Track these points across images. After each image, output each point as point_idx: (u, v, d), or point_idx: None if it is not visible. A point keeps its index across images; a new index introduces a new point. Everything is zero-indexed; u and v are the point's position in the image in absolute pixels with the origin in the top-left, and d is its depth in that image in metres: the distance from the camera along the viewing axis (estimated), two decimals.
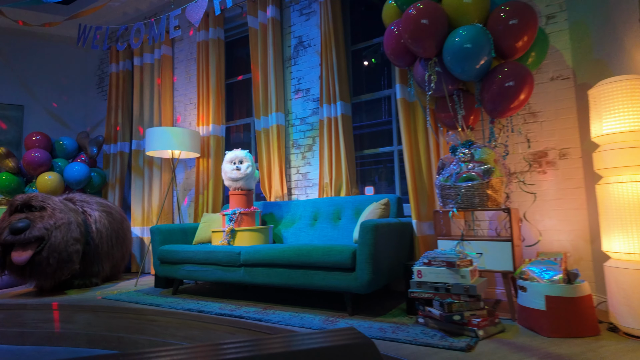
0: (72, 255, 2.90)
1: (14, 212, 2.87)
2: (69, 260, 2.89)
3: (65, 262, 2.87)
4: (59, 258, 2.83)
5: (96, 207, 3.37)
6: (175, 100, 4.19)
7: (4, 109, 4.69)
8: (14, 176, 3.99)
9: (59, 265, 2.85)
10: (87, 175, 4.14)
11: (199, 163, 3.74)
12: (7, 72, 4.76)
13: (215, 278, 2.53)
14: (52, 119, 4.92)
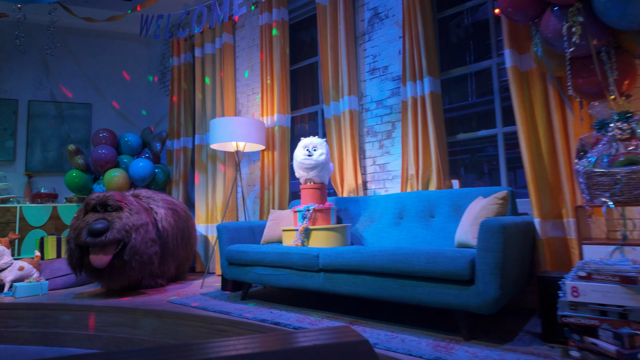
0: (152, 257, 2.74)
1: (89, 212, 2.75)
2: (150, 262, 2.74)
3: (145, 265, 2.72)
4: (140, 261, 2.68)
5: (162, 204, 3.21)
6: (238, 91, 3.96)
7: (74, 107, 4.78)
8: (83, 173, 4.00)
9: (140, 268, 2.71)
10: (151, 172, 4.05)
11: (264, 156, 3.46)
12: (76, 71, 4.85)
13: (290, 284, 2.20)
14: (118, 117, 4.95)
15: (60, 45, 4.69)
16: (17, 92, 4.62)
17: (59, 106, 4.72)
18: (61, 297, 2.81)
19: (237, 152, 3.29)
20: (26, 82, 4.66)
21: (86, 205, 2.78)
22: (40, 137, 4.63)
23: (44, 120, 4.66)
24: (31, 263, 3.18)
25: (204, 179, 4.05)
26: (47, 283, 3.02)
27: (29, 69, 4.68)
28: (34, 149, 4.60)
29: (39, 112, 4.65)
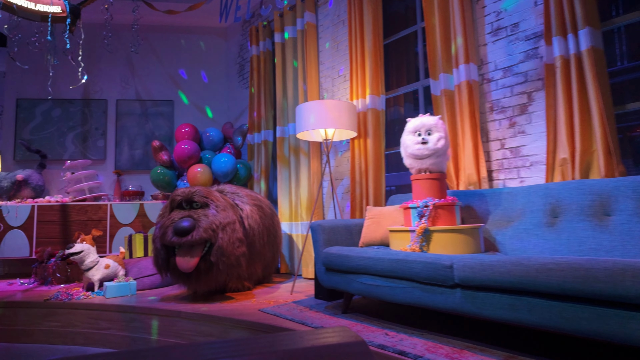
0: (239, 259, 2.47)
1: (175, 209, 2.55)
2: (237, 264, 2.47)
3: (232, 267, 2.45)
4: (227, 263, 2.42)
5: (247, 201, 2.94)
6: (322, 75, 3.58)
7: (157, 105, 4.79)
8: (167, 170, 3.91)
9: (227, 271, 2.45)
10: (234, 167, 3.84)
11: (354, 146, 3.03)
12: (159, 69, 4.86)
13: (410, 300, 1.73)
14: (199, 113, 4.87)
15: (143, 42, 4.71)
16: (107, 92, 4.74)
17: (143, 104, 4.76)
18: (149, 300, 2.65)
19: (325, 141, 2.90)
20: (114, 82, 4.76)
21: (171, 201, 2.57)
22: (127, 136, 4.70)
23: (131, 119, 4.72)
24: (116, 260, 3.10)
25: (286, 174, 3.74)
26: (135, 283, 2.89)
27: (116, 69, 4.78)
28: (122, 148, 4.68)
29: (125, 111, 4.72)
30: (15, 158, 4.55)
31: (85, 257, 2.88)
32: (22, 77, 4.66)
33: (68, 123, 4.63)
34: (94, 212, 4.01)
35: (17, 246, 3.87)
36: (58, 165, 4.59)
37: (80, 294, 2.80)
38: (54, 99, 4.64)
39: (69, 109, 4.65)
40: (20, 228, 3.91)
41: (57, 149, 4.59)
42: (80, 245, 2.87)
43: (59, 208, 3.99)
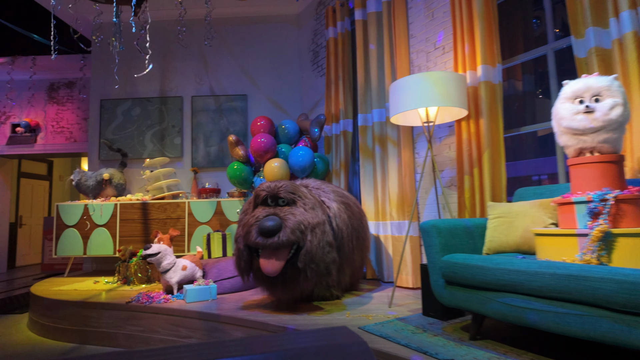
0: (329, 266, 2.11)
1: (259, 205, 2.25)
2: (327, 273, 2.11)
3: (322, 276, 2.11)
4: (317, 271, 2.08)
5: (333, 197, 2.56)
6: (412, 51, 3.09)
7: (231, 100, 4.63)
8: (244, 165, 3.69)
9: (317, 280, 2.10)
10: (311, 161, 3.50)
11: (461, 129, 2.51)
12: (232, 63, 4.70)
13: (595, 335, 1.20)
14: (272, 106, 4.63)
15: (216, 36, 4.58)
16: (182, 89, 4.70)
17: (217, 100, 4.63)
18: (230, 306, 2.39)
19: (426, 124, 2.42)
20: (188, 79, 4.70)
21: (255, 197, 2.27)
22: (203, 133, 4.61)
23: (206, 115, 4.62)
24: (193, 261, 2.90)
25: (370, 167, 3.31)
26: (216, 287, 2.66)
27: (190, 65, 4.72)
28: (198, 145, 4.60)
29: (200, 107, 4.64)
30: (100, 158, 4.68)
31: (162, 259, 2.72)
32: (104, 79, 4.78)
33: (146, 121, 4.65)
34: (173, 210, 3.93)
35: (102, 244, 3.91)
36: (138, 164, 4.63)
37: (161, 297, 2.63)
38: (133, 98, 4.70)
39: (147, 108, 4.67)
40: (105, 226, 3.95)
41: (137, 148, 4.63)
42: (157, 246, 2.71)
43: (139, 206, 3.97)
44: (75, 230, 3.95)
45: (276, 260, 2.07)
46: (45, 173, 8.14)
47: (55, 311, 2.79)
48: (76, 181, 4.16)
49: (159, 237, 2.78)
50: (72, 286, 3.31)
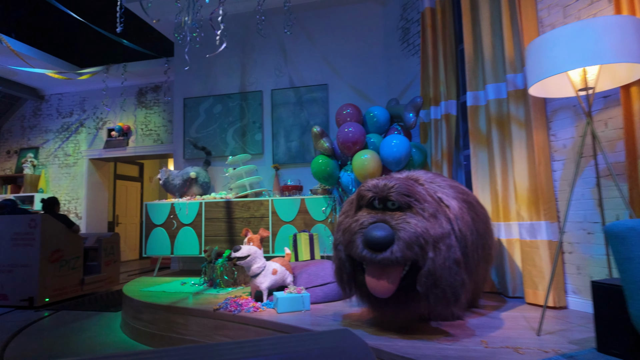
0: (457, 291, 1.64)
1: (363, 207, 1.84)
2: (455, 299, 1.64)
3: (449, 303, 1.64)
4: (442, 297, 1.62)
5: (452, 194, 2.05)
6: (541, 7, 2.45)
7: (311, 91, 4.32)
8: (329, 159, 3.33)
9: (442, 308, 1.65)
10: (407, 152, 3.02)
11: (632, 96, 1.84)
12: (311, 51, 4.39)
13: None
14: (355, 94, 4.23)
15: (295, 22, 4.30)
16: (261, 82, 4.51)
17: (297, 92, 4.36)
18: (327, 321, 2.02)
19: (584, 92, 1.81)
20: (268, 71, 4.50)
21: (359, 197, 1.86)
22: (283, 127, 4.36)
23: (286, 109, 4.37)
24: (283, 264, 2.60)
25: (483, 155, 2.74)
26: (309, 296, 2.32)
27: (269, 58, 4.51)
28: (279, 140, 4.36)
29: (280, 101, 4.40)
30: (184, 157, 4.67)
31: (252, 262, 2.45)
32: (187, 78, 4.78)
33: (228, 118, 4.54)
34: (256, 208, 3.72)
35: (189, 243, 3.84)
36: (221, 162, 4.54)
37: (250, 305, 2.36)
38: (215, 95, 4.62)
39: (228, 104, 4.56)
40: (190, 225, 3.87)
41: (220, 146, 4.54)
42: (247, 248, 2.44)
43: (223, 205, 3.82)
44: (163, 230, 3.93)
45: (387, 281, 1.65)
46: (137, 175, 8.68)
47: (145, 314, 2.68)
48: (163, 180, 4.16)
49: (249, 236, 2.52)
50: (161, 287, 3.23)
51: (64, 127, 7.18)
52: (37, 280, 3.72)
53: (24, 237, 3.78)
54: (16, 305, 3.80)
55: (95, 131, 7.01)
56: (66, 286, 4.05)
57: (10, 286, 3.77)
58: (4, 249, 3.83)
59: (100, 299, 4.06)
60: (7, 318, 3.40)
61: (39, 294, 3.72)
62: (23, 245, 3.78)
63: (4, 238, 3.85)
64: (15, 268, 3.78)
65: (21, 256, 3.78)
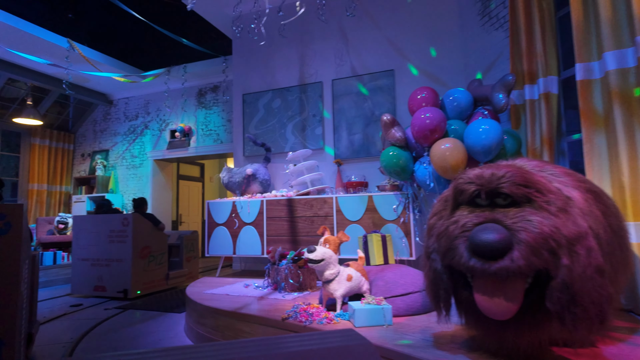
0: (603, 308, 1.22)
1: (462, 205, 1.46)
2: (600, 320, 1.23)
3: (592, 325, 1.23)
4: (582, 317, 1.21)
5: (571, 183, 1.60)
6: None
7: (375, 78, 3.97)
8: (402, 151, 2.97)
9: (584, 331, 1.24)
10: (499, 138, 2.57)
11: None
12: (375, 35, 4.04)
13: None
14: (427, 79, 3.80)
15: (357, 4, 3.97)
16: (321, 73, 4.24)
17: (360, 80, 4.03)
18: (416, 340, 1.67)
19: None
20: (328, 61, 4.22)
21: (457, 193, 1.47)
22: (345, 120, 4.06)
23: (347, 100, 4.06)
24: (358, 269, 2.29)
25: (602, 140, 2.22)
26: (390, 309, 1.99)
27: (330, 45, 4.23)
28: (340, 133, 4.07)
29: (342, 91, 4.10)
30: (244, 154, 4.55)
31: (325, 267, 2.17)
32: (246, 73, 4.65)
33: (287, 112, 4.33)
34: (319, 206, 3.45)
35: (251, 243, 3.67)
36: (280, 158, 4.35)
37: (322, 316, 2.08)
38: (273, 90, 4.44)
39: (287, 98, 4.35)
40: (252, 224, 3.71)
41: (279, 141, 4.34)
42: (322, 250, 2.17)
43: (285, 203, 3.61)
44: (225, 229, 3.80)
45: (505, 298, 1.27)
46: (199, 175, 8.88)
47: (209, 319, 2.51)
48: (224, 178, 4.05)
49: (326, 236, 2.25)
50: (224, 289, 3.07)
51: (131, 130, 7.49)
52: (130, 274, 4.02)
53: (118, 235, 4.12)
54: (113, 297, 4.13)
55: (158, 133, 7.22)
56: (154, 280, 4.32)
57: (108, 279, 4.12)
58: (101, 245, 4.19)
59: (165, 298, 4.05)
60: (83, 315, 3.46)
61: (131, 287, 4.01)
62: (117, 242, 4.11)
63: (101, 235, 4.20)
64: (111, 263, 4.12)
65: (116, 252, 4.11)
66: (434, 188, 2.83)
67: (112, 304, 3.87)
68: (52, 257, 5.38)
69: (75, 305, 3.87)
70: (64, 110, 7.70)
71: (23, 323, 1.70)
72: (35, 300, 2.42)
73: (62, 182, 7.63)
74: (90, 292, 4.20)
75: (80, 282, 4.27)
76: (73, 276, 4.32)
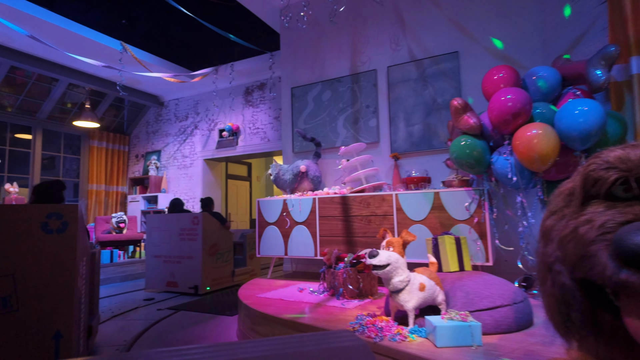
0: None
1: (595, 199, 1.10)
2: None
3: None
4: None
5: None
6: None
7: (437, 62, 3.59)
8: (476, 139, 2.59)
9: None
10: (602, 122, 2.13)
11: None
12: (436, 14, 3.66)
13: None
14: (497, 59, 3.37)
15: None
16: (375, 60, 3.93)
17: (419, 65, 3.67)
18: None
19: None
20: (383, 46, 3.90)
21: (588, 182, 1.07)
22: (403, 109, 3.72)
23: (405, 87, 3.72)
24: (431, 277, 1.96)
25: None
26: (480, 327, 1.65)
27: (384, 30, 3.90)
28: (397, 125, 3.73)
29: (398, 79, 3.76)
30: (293, 150, 4.35)
31: (392, 274, 1.87)
32: (294, 66, 4.45)
33: (338, 105, 4.07)
34: (377, 204, 3.15)
35: (303, 244, 3.44)
36: (331, 154, 4.09)
37: (394, 331, 1.78)
38: (323, 81, 4.19)
39: (338, 89, 4.08)
40: (304, 224, 3.48)
41: (330, 136, 4.09)
42: (387, 254, 1.87)
43: (339, 201, 3.34)
44: (276, 228, 3.61)
45: None
46: (246, 174, 8.87)
47: (263, 327, 2.30)
48: (274, 175, 3.87)
49: (388, 239, 1.96)
50: (277, 293, 2.86)
51: (181, 130, 7.60)
52: (201, 271, 4.15)
53: (188, 233, 4.28)
54: (184, 292, 4.28)
55: (208, 132, 7.25)
56: (221, 277, 4.46)
57: (180, 275, 4.29)
58: (173, 243, 4.37)
59: (217, 300, 3.94)
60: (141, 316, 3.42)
61: (202, 283, 4.15)
62: (188, 240, 4.27)
63: (173, 233, 4.38)
64: (182, 259, 4.29)
65: (187, 249, 4.26)
66: (517, 182, 2.42)
67: (182, 299, 4.02)
68: (109, 256, 5.52)
69: (147, 299, 4.07)
70: (119, 113, 7.99)
71: (82, 316, 1.78)
72: (95, 295, 2.50)
73: (118, 183, 7.91)
74: (162, 288, 4.41)
75: (153, 278, 4.48)
76: (147, 272, 4.54)
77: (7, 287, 1.43)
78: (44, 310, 1.48)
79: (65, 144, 7.36)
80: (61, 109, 7.10)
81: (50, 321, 1.48)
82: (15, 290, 1.44)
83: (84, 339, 1.91)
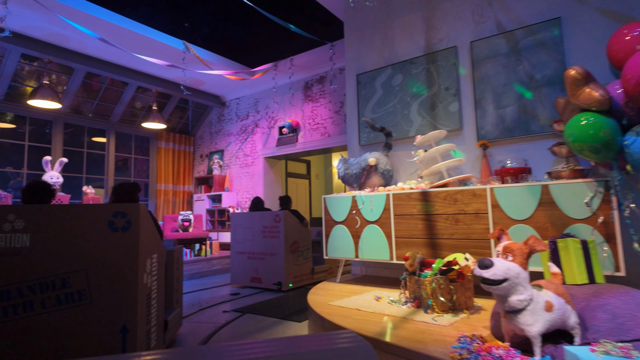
0: None
1: None
2: None
3: None
4: None
5: None
6: None
7: (533, 32, 3.02)
8: (604, 117, 2.03)
9: None
10: None
11: None
12: None
13: None
14: (613, 22, 2.73)
15: None
16: (455, 36, 3.44)
17: (510, 37, 3.12)
18: None
19: None
20: (463, 19, 3.39)
21: None
22: (491, 89, 3.19)
23: (493, 64, 3.19)
24: (558, 292, 1.49)
25: None
26: None
27: (464, 1, 3.40)
28: (485, 108, 3.21)
29: (484, 55, 3.24)
30: (360, 142, 3.99)
31: (511, 291, 1.44)
32: (359, 51, 4.09)
33: (410, 90, 3.63)
34: (467, 201, 2.68)
35: (376, 246, 3.08)
36: (403, 145, 3.67)
37: None
38: (393, 65, 3.78)
39: (411, 72, 3.65)
40: (376, 223, 3.11)
41: (401, 125, 3.67)
42: (504, 266, 1.45)
43: (417, 197, 2.92)
44: (345, 228, 3.28)
45: None
46: (305, 172, 8.69)
47: None
48: (340, 171, 3.54)
49: (504, 243, 1.53)
50: (351, 301, 2.53)
51: (242, 129, 7.59)
52: (283, 267, 4.20)
53: (271, 230, 4.36)
54: (268, 288, 4.37)
55: (268, 130, 7.15)
56: (302, 274, 4.47)
57: (263, 272, 4.37)
58: (257, 240, 4.47)
59: (283, 302, 3.71)
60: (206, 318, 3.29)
61: (285, 280, 4.19)
62: (270, 237, 4.35)
63: (256, 231, 4.49)
64: (266, 256, 4.37)
65: (270, 246, 4.34)
66: None
67: (265, 295, 4.09)
68: None
69: (234, 294, 4.18)
70: (184, 114, 8.20)
71: (153, 311, 1.87)
72: (172, 290, 2.56)
73: (185, 182, 8.12)
74: (247, 283, 4.52)
75: (238, 274, 4.61)
76: (232, 268, 4.69)
77: (81, 282, 1.54)
78: (111, 306, 1.56)
79: (135, 146, 7.69)
80: (131, 112, 7.42)
81: (117, 315, 1.55)
82: (88, 284, 1.55)
83: (159, 333, 2.01)
